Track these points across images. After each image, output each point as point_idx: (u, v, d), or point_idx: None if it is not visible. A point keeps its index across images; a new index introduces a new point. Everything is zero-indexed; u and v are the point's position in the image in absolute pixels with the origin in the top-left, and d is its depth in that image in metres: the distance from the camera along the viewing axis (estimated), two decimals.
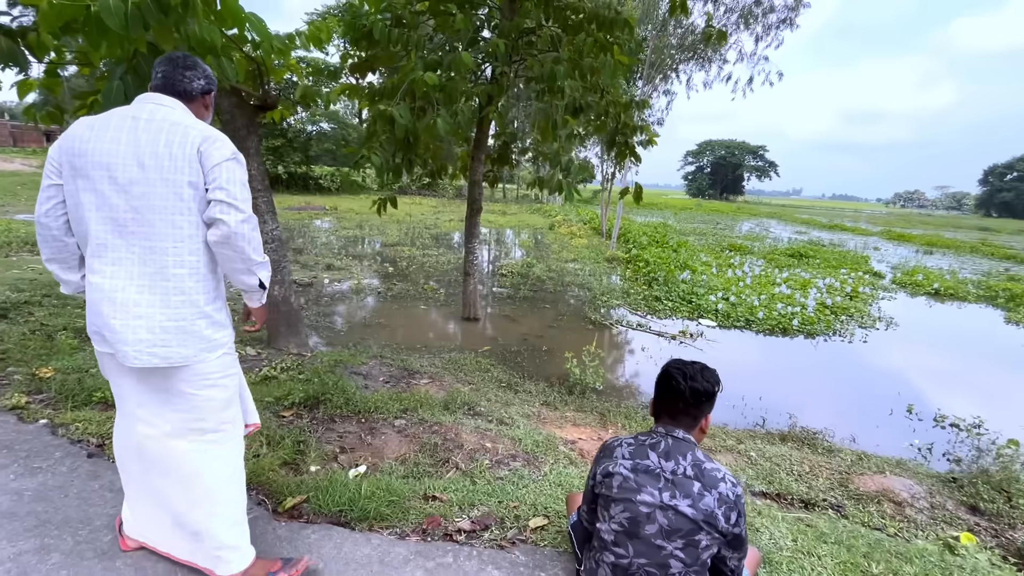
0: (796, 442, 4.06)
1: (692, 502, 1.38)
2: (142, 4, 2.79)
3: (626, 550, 1.41)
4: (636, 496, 1.41)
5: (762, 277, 11.42)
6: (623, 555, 1.42)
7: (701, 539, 1.38)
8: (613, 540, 1.44)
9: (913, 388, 5.93)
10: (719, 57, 15.28)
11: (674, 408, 1.53)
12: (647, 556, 1.39)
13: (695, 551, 1.38)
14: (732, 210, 48.65)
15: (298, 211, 21.45)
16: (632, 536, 1.41)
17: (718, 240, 19.00)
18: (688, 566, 1.38)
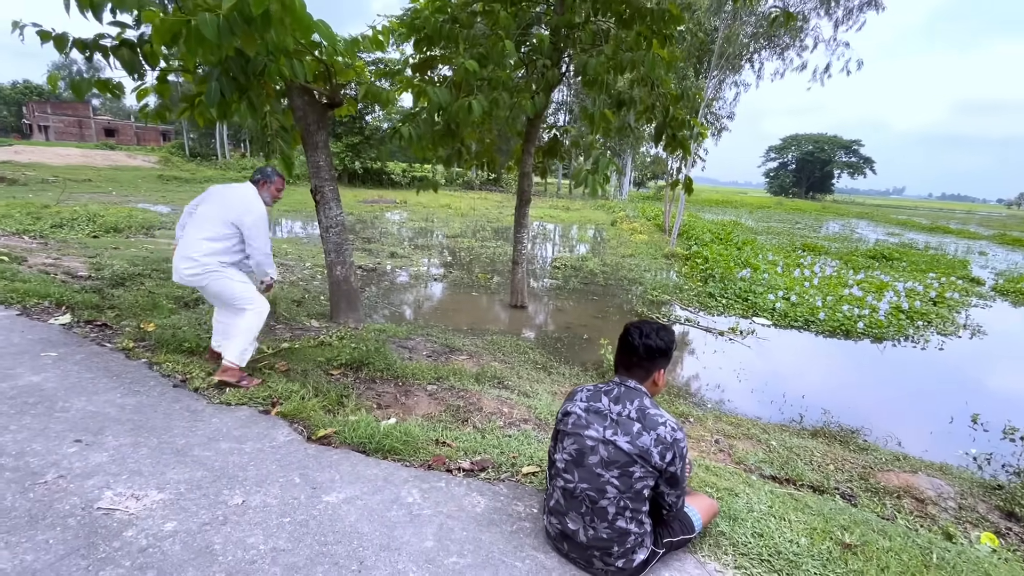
0: (827, 438, 3.97)
1: (630, 439, 1.59)
2: (230, 17, 3.33)
3: (572, 476, 1.64)
4: (584, 431, 1.64)
5: (832, 278, 10.77)
6: (570, 480, 1.65)
7: (635, 471, 1.58)
8: (563, 467, 1.68)
9: (986, 399, 5.48)
10: (797, 44, 14.45)
11: (629, 361, 1.74)
12: (588, 482, 1.61)
13: (628, 480, 1.59)
14: (816, 209, 45.37)
15: (371, 204, 22.80)
16: (578, 464, 1.63)
17: (792, 240, 17.95)
18: (622, 492, 1.59)
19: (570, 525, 1.65)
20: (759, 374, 5.68)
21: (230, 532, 1.58)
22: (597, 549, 1.63)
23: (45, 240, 8.38)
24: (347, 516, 1.72)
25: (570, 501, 1.65)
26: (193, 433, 2.18)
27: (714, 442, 3.47)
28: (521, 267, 7.57)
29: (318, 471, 1.98)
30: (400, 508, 1.80)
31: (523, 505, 1.93)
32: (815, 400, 5.09)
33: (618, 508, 1.59)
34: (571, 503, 1.65)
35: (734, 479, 2.46)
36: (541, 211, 24.97)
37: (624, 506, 1.60)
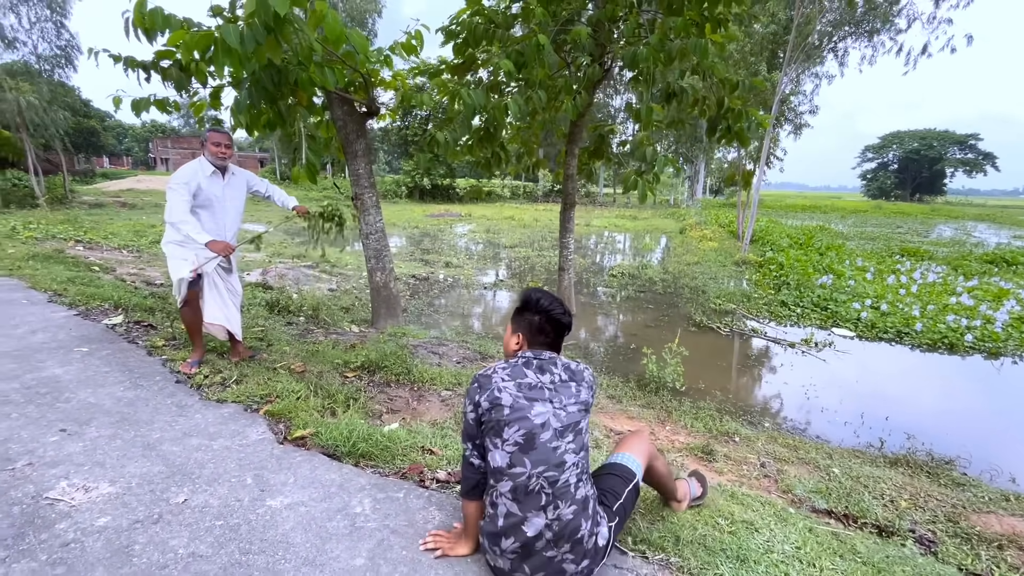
0: (911, 468, 3.29)
1: (575, 399, 1.54)
2: (252, 25, 3.43)
3: (523, 466, 1.44)
4: (529, 412, 1.47)
5: (936, 286, 9.37)
6: (522, 471, 1.44)
7: (581, 424, 1.55)
8: (508, 463, 1.46)
9: None
10: (890, 28, 12.98)
11: (551, 340, 1.65)
12: (544, 462, 1.45)
13: (580, 438, 1.53)
14: (923, 212, 40.54)
15: (437, 217, 23.45)
16: (529, 449, 1.45)
17: (888, 245, 16.03)
18: (577, 453, 1.50)
19: (530, 531, 1.42)
20: (833, 391, 4.94)
21: (157, 532, 1.49)
22: (567, 540, 1.44)
23: (140, 253, 9.32)
24: (283, 523, 1.58)
25: (525, 500, 1.44)
26: (171, 428, 2.16)
27: (760, 466, 2.98)
28: (568, 274, 7.26)
29: (275, 473, 1.87)
30: (344, 519, 1.63)
31: None
32: (902, 423, 4.32)
33: (577, 475, 1.50)
34: (527, 501, 1.44)
35: (763, 510, 2.04)
36: (607, 220, 24.39)
37: (581, 469, 1.52)
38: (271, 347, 3.89)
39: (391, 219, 21.53)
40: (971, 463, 3.53)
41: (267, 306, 5.84)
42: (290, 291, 6.98)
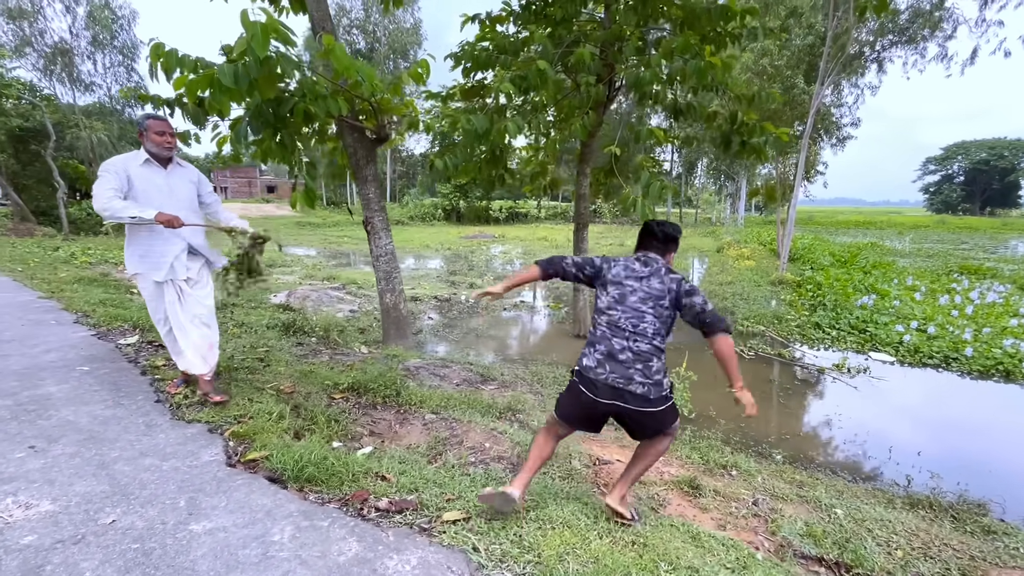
0: (933, 511, 2.94)
1: (660, 282, 2.14)
2: (244, 63, 3.61)
3: (616, 311, 2.14)
4: (624, 281, 2.18)
5: (995, 307, 8.56)
6: (615, 314, 2.13)
7: (664, 303, 2.11)
8: (608, 306, 2.17)
9: None
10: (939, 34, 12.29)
11: (649, 243, 2.29)
12: (630, 313, 2.11)
13: (660, 309, 2.11)
14: (994, 227, 37.56)
15: (471, 239, 23.77)
16: (621, 303, 2.14)
17: (948, 262, 14.89)
18: (655, 316, 2.11)
19: (616, 346, 2.08)
20: (861, 422, 4.55)
21: (73, 553, 1.51)
22: (640, 362, 2.05)
23: None
24: (197, 549, 1.56)
25: (615, 330, 2.12)
26: (131, 447, 2.22)
27: (752, 504, 2.75)
28: (583, 294, 7.13)
29: (210, 496, 1.87)
30: (258, 547, 1.59)
31: (397, 559, 1.60)
32: (936, 460, 3.90)
33: (654, 329, 2.10)
34: (615, 331, 2.11)
35: (723, 555, 1.85)
36: None
37: (657, 330, 2.10)
38: (268, 367, 3.98)
39: (426, 241, 22.01)
40: (1009, 508, 3.13)
41: (283, 327, 6.01)
42: (309, 312, 7.18)
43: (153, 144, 2.86)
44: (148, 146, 2.86)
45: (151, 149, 2.86)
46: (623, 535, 1.89)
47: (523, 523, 1.91)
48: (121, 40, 21.84)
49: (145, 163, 2.84)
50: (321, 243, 20.03)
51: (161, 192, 2.87)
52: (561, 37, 5.95)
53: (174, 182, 2.96)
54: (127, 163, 2.79)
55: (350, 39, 40.18)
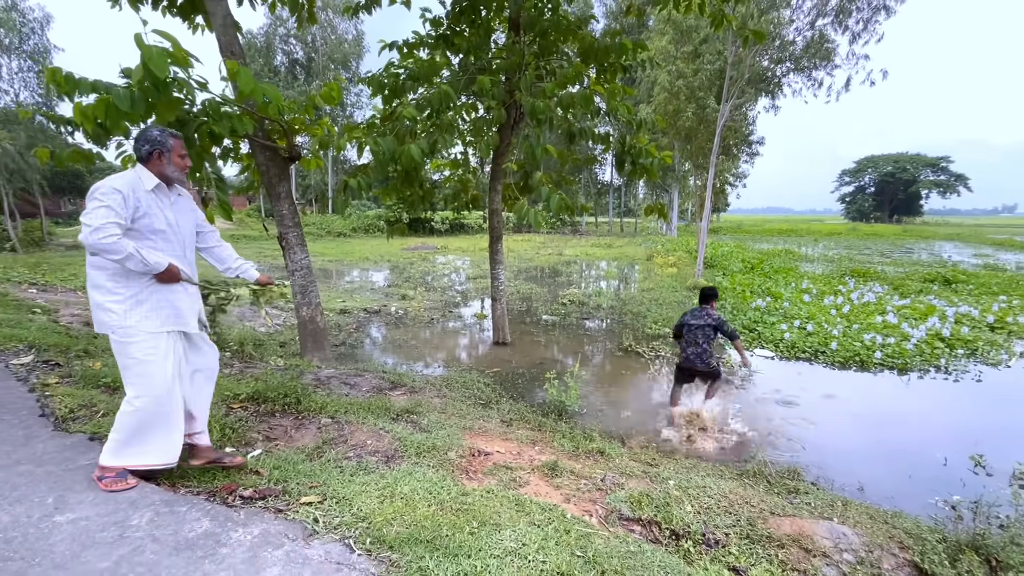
0: (756, 479, 3.50)
1: (705, 321, 4.82)
2: (141, 87, 3.79)
3: (688, 339, 4.87)
4: (690, 323, 4.88)
5: (869, 305, 9.72)
6: (688, 336, 4.87)
7: (708, 331, 4.81)
8: (685, 341, 4.88)
9: (1003, 439, 4.63)
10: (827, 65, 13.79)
11: (702, 299, 5.02)
12: (691, 332, 4.85)
13: (706, 332, 4.82)
14: (896, 233, 41.51)
15: (412, 251, 23.85)
16: (688, 332, 4.88)
17: (842, 266, 16.50)
18: (705, 336, 4.81)
19: (689, 350, 4.84)
20: (731, 409, 5.17)
21: None
22: (700, 357, 4.80)
23: None
24: (56, 535, 1.78)
25: (689, 342, 4.84)
26: (7, 456, 2.36)
27: (600, 480, 3.19)
28: (500, 304, 7.55)
29: (79, 493, 2.07)
30: (116, 529, 1.83)
31: (242, 531, 1.88)
32: (784, 437, 4.54)
33: (705, 340, 4.79)
34: (689, 343, 4.85)
35: (535, 514, 2.25)
36: (581, 249, 24.87)
37: (705, 341, 4.78)
38: None
39: (366, 253, 21.91)
40: (823, 472, 3.75)
41: None
42: (228, 327, 7.18)
43: (176, 168, 2.38)
44: (168, 170, 2.35)
45: (172, 174, 2.37)
46: (451, 503, 2.25)
47: (369, 500, 2.23)
48: (32, 44, 20.59)
49: (155, 189, 2.30)
50: (256, 256, 19.54)
51: (174, 229, 2.37)
52: (470, 65, 6.40)
53: (178, 213, 2.41)
54: (136, 187, 2.23)
55: (287, 48, 39.47)
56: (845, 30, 11.29)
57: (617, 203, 50.32)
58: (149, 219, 2.25)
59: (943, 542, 2.66)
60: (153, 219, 2.26)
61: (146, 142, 2.29)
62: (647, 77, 22.53)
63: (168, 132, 2.35)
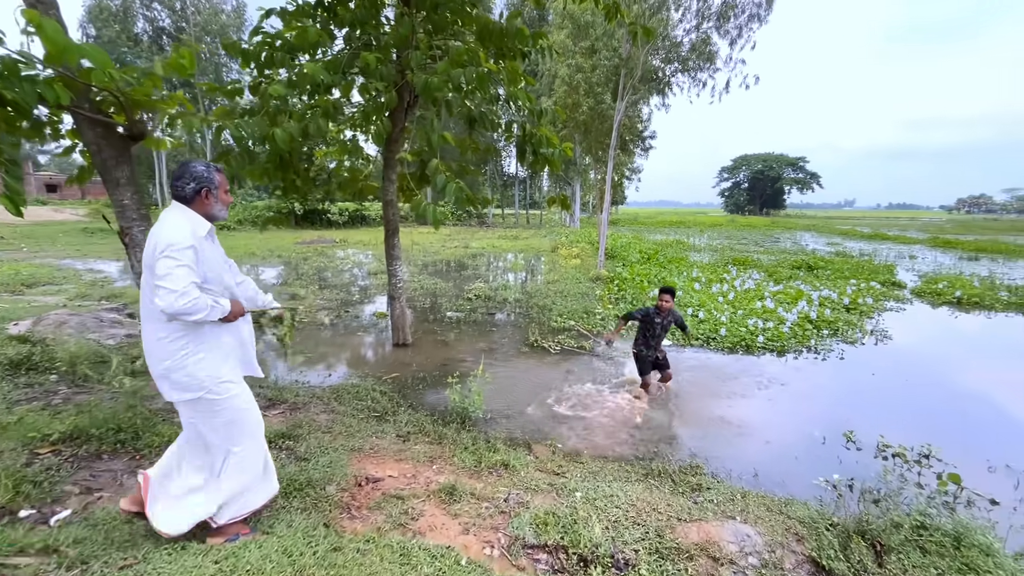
0: (661, 479, 3.44)
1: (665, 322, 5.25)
2: None
3: (651, 333, 5.25)
4: (654, 320, 5.20)
5: (750, 292, 10.55)
6: (651, 335, 5.26)
7: (667, 328, 5.28)
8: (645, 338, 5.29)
9: (867, 413, 5.10)
10: (709, 67, 14.75)
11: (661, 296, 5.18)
12: (656, 334, 5.25)
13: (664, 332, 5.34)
14: (766, 224, 46.61)
15: (308, 244, 22.08)
16: (652, 333, 5.25)
17: (725, 255, 17.98)
18: (665, 333, 5.35)
19: (647, 349, 5.31)
20: (634, 404, 5.18)
21: None
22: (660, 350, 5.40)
23: None
24: None
25: (652, 340, 5.28)
26: None
27: (503, 501, 2.89)
28: (400, 302, 7.01)
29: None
30: None
31: None
32: (682, 430, 4.60)
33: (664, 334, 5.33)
34: (651, 341, 5.28)
35: (424, 566, 1.89)
36: (486, 241, 24.66)
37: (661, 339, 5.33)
38: None
39: (252, 248, 19.84)
40: (720, 464, 3.79)
41: (10, 365, 4.84)
42: (63, 342, 5.89)
43: (223, 206, 2.22)
44: (216, 209, 2.18)
45: (218, 213, 2.20)
46: (315, 569, 1.81)
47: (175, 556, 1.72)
48: None
49: (208, 235, 2.14)
50: (114, 254, 16.80)
51: (220, 268, 2.19)
52: (355, 39, 5.75)
53: (219, 249, 2.26)
54: (196, 234, 2.04)
55: (150, 15, 34.48)
56: (725, 34, 12.08)
57: (523, 195, 50.99)
58: (207, 266, 2.09)
59: (833, 528, 2.72)
60: (210, 266, 2.11)
61: (191, 179, 2.09)
62: (548, 71, 22.86)
63: (213, 167, 2.17)
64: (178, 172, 2.11)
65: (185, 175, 2.08)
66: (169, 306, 1.87)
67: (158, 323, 2.01)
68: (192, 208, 2.10)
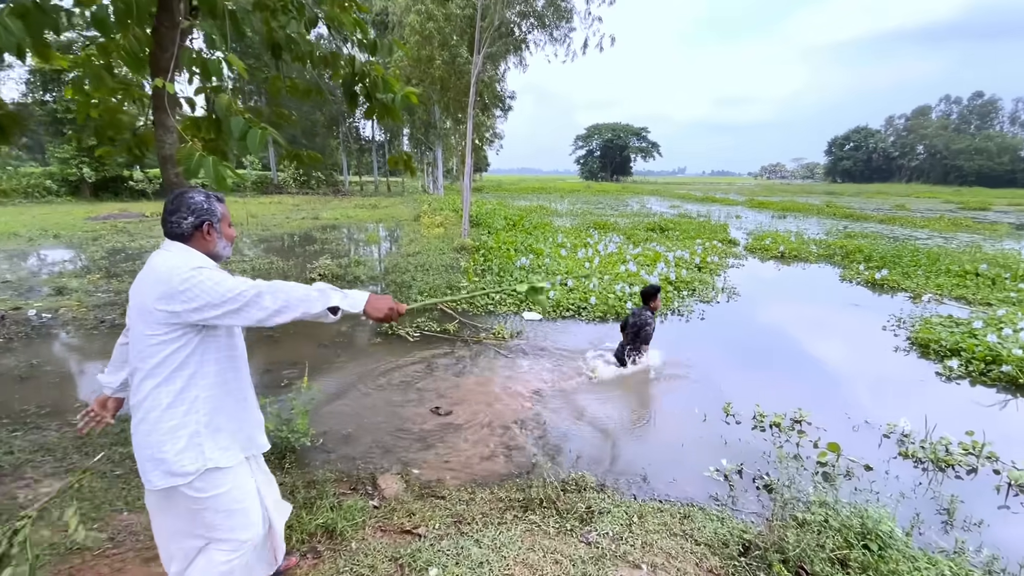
0: (545, 508, 2.70)
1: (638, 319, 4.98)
2: None
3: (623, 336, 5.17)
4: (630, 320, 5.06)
5: (613, 256, 10.56)
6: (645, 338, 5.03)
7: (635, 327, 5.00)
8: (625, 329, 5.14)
9: (738, 378, 5.02)
10: (565, 25, 14.32)
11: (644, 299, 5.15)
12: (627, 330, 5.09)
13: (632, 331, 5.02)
14: (617, 190, 49.94)
15: (104, 220, 17.61)
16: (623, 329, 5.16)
17: (585, 220, 18.36)
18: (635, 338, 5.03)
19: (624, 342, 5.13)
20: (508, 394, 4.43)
21: None
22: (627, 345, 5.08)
23: None
24: None
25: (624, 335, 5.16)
26: None
27: None
28: None
29: None
30: None
31: None
32: (562, 426, 3.97)
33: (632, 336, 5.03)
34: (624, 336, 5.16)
35: None
36: (339, 211, 22.22)
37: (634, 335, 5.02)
38: None
39: (18, 226, 15.11)
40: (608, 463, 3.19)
41: None
42: None
43: (227, 242, 1.80)
44: (220, 246, 1.76)
45: (223, 251, 1.78)
46: None
47: None
48: None
49: None
50: None
51: None
52: None
53: None
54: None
55: None
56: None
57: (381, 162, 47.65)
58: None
59: (747, 553, 2.21)
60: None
61: (189, 212, 1.68)
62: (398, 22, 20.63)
63: (214, 196, 1.77)
64: (172, 205, 1.69)
65: (181, 208, 1.68)
66: (262, 311, 1.57)
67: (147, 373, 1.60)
68: (192, 245, 1.69)
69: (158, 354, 1.57)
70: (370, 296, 1.72)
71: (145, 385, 1.59)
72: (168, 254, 1.63)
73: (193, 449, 1.61)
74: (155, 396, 1.59)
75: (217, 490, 1.65)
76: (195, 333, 1.61)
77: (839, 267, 10.85)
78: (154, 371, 1.58)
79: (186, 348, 1.60)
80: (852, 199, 39.07)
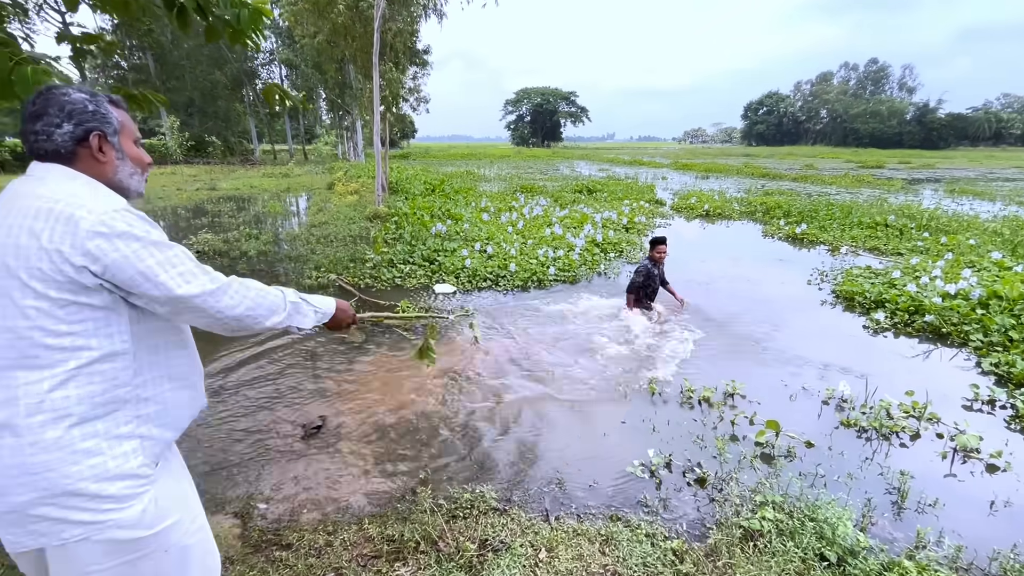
0: (425, 553, 2.00)
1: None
2: None
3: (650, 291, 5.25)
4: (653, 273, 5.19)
5: (539, 219, 9.90)
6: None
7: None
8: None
9: (662, 344, 4.54)
10: None
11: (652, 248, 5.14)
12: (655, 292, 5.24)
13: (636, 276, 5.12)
14: (548, 155, 49.33)
15: None
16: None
17: (512, 183, 17.58)
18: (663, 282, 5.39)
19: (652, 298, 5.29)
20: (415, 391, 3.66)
21: None
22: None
23: None
24: None
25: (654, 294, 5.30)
26: None
27: None
28: None
29: None
30: None
31: None
32: (463, 415, 3.27)
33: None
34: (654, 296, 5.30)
35: None
36: (245, 181, 19.95)
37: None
38: None
39: None
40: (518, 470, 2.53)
41: None
42: None
43: (135, 167, 1.17)
44: (121, 172, 1.14)
45: (129, 181, 1.16)
46: None
47: None
48: None
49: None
50: None
51: None
52: None
53: None
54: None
55: None
56: None
57: (296, 128, 43.88)
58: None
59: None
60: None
61: (68, 118, 1.04)
62: None
63: (104, 97, 1.11)
64: (35, 106, 1.04)
65: (50, 109, 1.03)
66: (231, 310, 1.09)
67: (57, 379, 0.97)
68: (80, 169, 1.06)
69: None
70: (338, 302, 1.38)
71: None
72: (46, 184, 1.00)
73: None
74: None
75: None
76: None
77: (761, 223, 10.88)
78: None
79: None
80: (767, 160, 40.97)
